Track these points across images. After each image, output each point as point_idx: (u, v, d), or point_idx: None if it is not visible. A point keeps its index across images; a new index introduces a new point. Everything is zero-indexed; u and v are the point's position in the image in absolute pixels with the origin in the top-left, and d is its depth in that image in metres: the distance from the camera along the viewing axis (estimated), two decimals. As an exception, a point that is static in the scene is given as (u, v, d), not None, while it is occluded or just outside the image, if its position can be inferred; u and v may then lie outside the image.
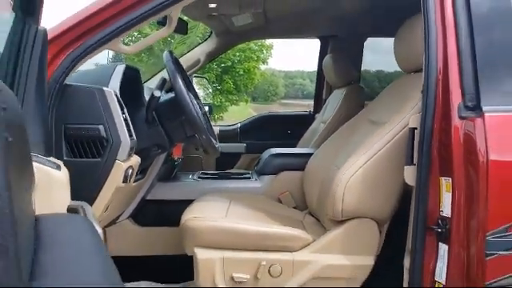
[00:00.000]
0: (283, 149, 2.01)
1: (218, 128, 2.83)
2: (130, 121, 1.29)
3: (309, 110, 2.99)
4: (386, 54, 1.85)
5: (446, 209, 1.03)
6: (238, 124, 2.96)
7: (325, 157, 1.63)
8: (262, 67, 12.66)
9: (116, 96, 1.25)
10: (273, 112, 3.47)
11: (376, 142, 1.29)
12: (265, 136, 2.77)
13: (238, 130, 2.89)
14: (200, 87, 2.54)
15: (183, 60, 2.30)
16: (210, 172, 2.10)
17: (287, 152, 1.98)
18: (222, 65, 10.60)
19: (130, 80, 1.44)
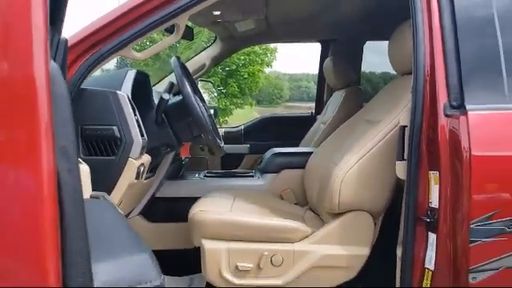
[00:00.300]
0: (285, 148, 2.06)
1: (222, 130, 2.87)
2: (141, 122, 1.37)
3: (310, 112, 3.04)
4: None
5: (435, 200, 1.08)
6: (242, 126, 3.01)
7: (324, 155, 1.68)
8: (267, 70, 12.68)
9: (128, 99, 1.33)
10: (275, 114, 3.53)
11: (370, 139, 1.36)
12: (268, 137, 2.81)
13: (242, 131, 2.94)
14: (205, 91, 2.59)
15: (189, 64, 2.37)
16: (215, 171, 2.17)
17: (288, 151, 2.02)
18: (227, 68, 10.61)
19: (141, 84, 1.52)
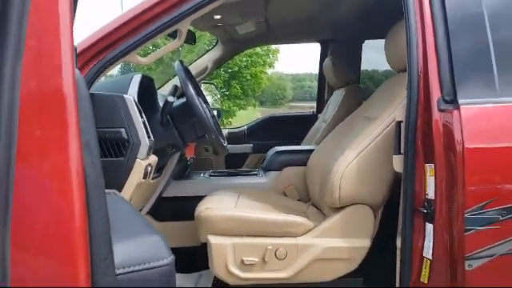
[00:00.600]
0: (287, 146, 2.10)
1: (226, 131, 2.91)
2: (147, 124, 1.42)
3: (312, 111, 3.08)
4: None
5: (431, 192, 1.12)
6: (245, 126, 3.05)
7: (325, 151, 1.72)
8: (269, 71, 12.76)
9: (135, 102, 1.38)
10: (277, 113, 3.58)
11: (368, 135, 1.40)
12: (270, 136, 2.84)
13: (245, 131, 2.98)
14: (208, 93, 2.62)
15: (192, 67, 2.42)
16: (220, 170, 2.22)
17: (290, 149, 2.06)
18: (229, 70, 10.69)
19: (146, 88, 1.57)
